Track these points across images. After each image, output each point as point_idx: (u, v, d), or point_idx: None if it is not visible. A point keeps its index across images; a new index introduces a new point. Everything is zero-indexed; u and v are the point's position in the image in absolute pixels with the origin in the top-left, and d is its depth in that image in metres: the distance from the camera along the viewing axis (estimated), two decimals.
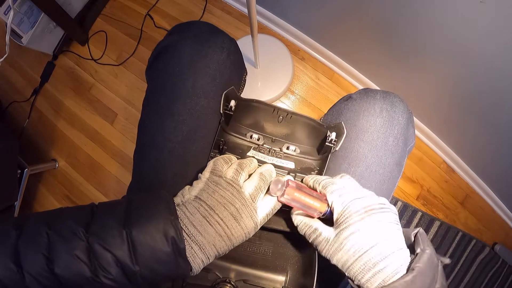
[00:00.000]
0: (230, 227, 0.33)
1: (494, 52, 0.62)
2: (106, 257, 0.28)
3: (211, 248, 0.32)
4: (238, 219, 0.33)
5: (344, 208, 0.33)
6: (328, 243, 0.33)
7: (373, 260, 0.30)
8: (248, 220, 0.34)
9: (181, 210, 0.33)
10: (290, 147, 0.50)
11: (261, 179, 0.37)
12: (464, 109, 0.86)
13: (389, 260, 0.30)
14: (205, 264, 0.33)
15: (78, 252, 0.28)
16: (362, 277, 0.30)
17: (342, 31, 0.97)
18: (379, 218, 0.32)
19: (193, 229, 0.32)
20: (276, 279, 0.46)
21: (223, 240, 0.33)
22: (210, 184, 0.35)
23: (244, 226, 0.34)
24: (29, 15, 1.16)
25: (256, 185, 0.36)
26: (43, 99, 1.35)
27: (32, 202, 1.30)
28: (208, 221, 0.32)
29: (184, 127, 0.47)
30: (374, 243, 0.30)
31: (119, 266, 0.28)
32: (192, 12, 1.28)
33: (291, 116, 0.49)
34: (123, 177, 1.24)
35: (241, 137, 0.51)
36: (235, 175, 0.36)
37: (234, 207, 0.33)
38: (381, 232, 0.31)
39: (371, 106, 0.48)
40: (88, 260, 0.28)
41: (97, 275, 0.28)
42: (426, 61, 0.80)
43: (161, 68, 0.49)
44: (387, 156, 0.47)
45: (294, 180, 0.37)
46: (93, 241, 0.28)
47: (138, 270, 0.29)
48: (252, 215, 0.34)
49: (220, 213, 0.33)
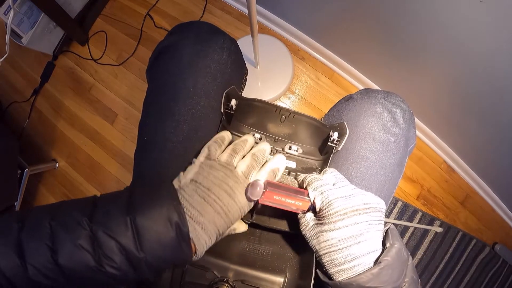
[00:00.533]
0: (226, 204, 0.34)
1: (494, 52, 0.62)
2: (110, 244, 0.28)
3: (212, 226, 0.33)
4: (232, 196, 0.34)
5: (326, 205, 0.34)
6: (307, 227, 0.36)
7: (341, 260, 0.32)
8: (242, 196, 0.35)
9: (180, 194, 0.33)
10: (293, 147, 0.50)
11: (253, 159, 0.37)
12: (464, 109, 0.86)
13: (359, 261, 0.31)
14: (208, 245, 0.33)
15: (82, 241, 0.28)
16: (330, 269, 0.33)
17: (342, 31, 0.97)
18: (360, 220, 0.33)
19: (194, 210, 0.32)
20: (275, 280, 0.46)
21: (221, 217, 0.33)
22: (204, 167, 0.36)
23: (238, 201, 0.35)
24: (29, 15, 1.16)
25: (248, 164, 0.37)
26: (43, 99, 1.35)
27: (32, 202, 1.30)
28: (206, 201, 0.33)
29: (185, 127, 0.47)
30: (346, 245, 0.32)
31: (123, 254, 0.28)
32: (192, 12, 1.28)
33: (293, 115, 0.48)
34: (123, 177, 1.23)
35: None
36: (229, 158, 0.37)
37: (227, 185, 0.34)
38: (357, 235, 0.32)
39: (372, 106, 0.47)
40: (92, 249, 0.28)
41: (101, 264, 0.28)
42: (427, 61, 0.80)
43: (161, 68, 0.49)
44: (388, 157, 0.47)
45: (273, 181, 0.37)
46: (97, 229, 0.28)
47: (143, 256, 0.29)
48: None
49: (216, 192, 0.34)
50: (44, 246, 0.27)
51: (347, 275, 0.31)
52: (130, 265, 0.29)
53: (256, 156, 0.38)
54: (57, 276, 0.27)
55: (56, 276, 0.27)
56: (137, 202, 0.31)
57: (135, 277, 0.30)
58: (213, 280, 0.44)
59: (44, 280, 0.27)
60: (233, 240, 0.49)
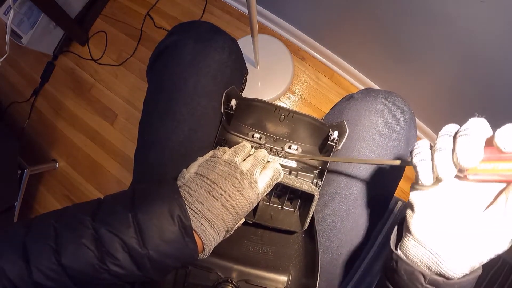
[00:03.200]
0: (234, 199, 0.33)
1: (495, 51, 0.62)
2: (113, 242, 0.28)
3: (220, 222, 0.32)
4: (240, 190, 0.34)
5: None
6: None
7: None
8: (250, 191, 0.35)
9: (184, 190, 0.33)
10: (292, 146, 0.50)
11: (256, 159, 0.38)
12: (464, 108, 0.86)
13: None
14: (216, 241, 0.33)
15: (85, 240, 0.28)
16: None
17: (342, 31, 0.97)
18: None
19: (200, 205, 0.32)
20: (279, 279, 0.46)
21: (230, 213, 0.33)
22: (208, 162, 0.36)
23: (247, 197, 0.34)
24: (29, 15, 1.16)
25: (252, 163, 0.37)
26: (43, 99, 1.35)
27: (32, 202, 1.30)
28: (213, 196, 0.33)
29: (185, 127, 0.47)
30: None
31: (126, 251, 0.28)
32: (192, 12, 1.28)
33: (292, 115, 0.48)
34: (123, 177, 1.23)
35: (243, 136, 0.51)
36: (231, 157, 0.37)
37: (235, 179, 0.34)
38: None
39: (373, 106, 0.47)
40: (95, 248, 0.28)
41: (104, 262, 0.28)
42: (427, 61, 0.80)
43: (162, 68, 0.49)
44: (389, 157, 0.47)
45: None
46: (100, 227, 0.28)
47: (146, 252, 0.29)
48: (253, 186, 0.35)
49: (223, 186, 0.33)
50: (47, 248, 0.27)
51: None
52: (134, 262, 0.29)
53: (257, 158, 0.38)
54: (61, 277, 0.28)
55: (60, 277, 0.27)
56: (139, 198, 0.31)
57: (139, 275, 0.30)
58: (216, 280, 0.44)
59: (49, 282, 0.27)
60: (236, 240, 0.49)
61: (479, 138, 0.24)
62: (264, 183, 0.37)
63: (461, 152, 0.24)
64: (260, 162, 0.38)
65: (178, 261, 0.31)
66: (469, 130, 0.24)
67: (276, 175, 0.38)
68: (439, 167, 0.25)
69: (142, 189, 0.33)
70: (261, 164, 0.38)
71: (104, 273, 0.28)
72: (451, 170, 0.25)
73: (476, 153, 0.24)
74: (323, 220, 0.48)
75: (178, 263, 0.31)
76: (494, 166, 0.24)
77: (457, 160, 0.24)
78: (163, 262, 0.30)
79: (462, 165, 0.24)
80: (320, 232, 0.47)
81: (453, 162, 0.25)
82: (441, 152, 0.25)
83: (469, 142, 0.24)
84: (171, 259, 0.30)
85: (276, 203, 0.48)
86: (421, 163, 0.27)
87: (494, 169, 0.24)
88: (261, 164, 0.38)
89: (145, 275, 0.30)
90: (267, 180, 0.37)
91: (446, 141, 0.26)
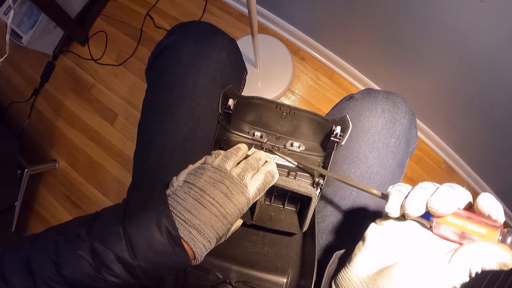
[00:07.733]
0: (223, 205, 0.33)
1: (495, 51, 0.62)
2: (107, 255, 0.29)
3: (209, 229, 0.32)
4: (229, 196, 0.33)
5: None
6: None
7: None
8: (240, 196, 0.34)
9: (172, 198, 0.33)
10: (294, 144, 0.49)
11: (248, 164, 0.37)
12: (464, 108, 0.86)
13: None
14: (208, 249, 0.33)
15: (82, 252, 0.29)
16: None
17: (342, 31, 0.97)
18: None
19: (188, 214, 0.32)
20: (277, 281, 0.46)
21: (219, 219, 0.33)
22: (197, 170, 0.36)
23: (236, 203, 0.34)
24: (29, 15, 1.16)
25: (243, 167, 0.36)
26: (43, 99, 1.35)
27: (32, 202, 1.30)
28: (201, 203, 0.32)
29: (185, 127, 0.47)
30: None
31: (120, 263, 0.29)
32: (192, 12, 1.28)
33: (294, 111, 0.48)
34: (123, 177, 1.23)
35: (243, 135, 0.50)
36: (221, 163, 0.36)
37: (224, 185, 0.34)
38: None
39: (373, 106, 0.47)
40: (92, 259, 0.29)
41: (100, 272, 0.29)
42: (427, 61, 0.79)
43: (161, 68, 0.49)
44: (388, 157, 0.46)
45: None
46: (93, 240, 0.29)
47: (137, 264, 0.29)
48: (243, 191, 0.34)
49: (211, 193, 0.33)
50: (49, 259, 0.29)
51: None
52: (128, 273, 0.30)
53: (250, 162, 0.37)
54: (63, 287, 0.29)
55: (62, 287, 0.29)
56: (130, 211, 0.32)
57: (135, 283, 0.31)
58: (215, 281, 0.44)
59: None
60: (236, 241, 0.48)
61: (462, 193, 0.24)
62: (255, 187, 0.36)
63: (439, 195, 0.24)
64: (252, 167, 0.37)
65: (171, 269, 0.32)
66: (455, 185, 0.25)
67: (268, 179, 0.37)
68: (409, 200, 0.25)
69: (134, 201, 0.33)
70: (253, 168, 0.37)
71: (101, 282, 0.29)
72: (419, 207, 0.25)
73: (454, 202, 0.24)
74: (322, 221, 0.47)
75: (172, 270, 0.32)
76: (464, 223, 0.24)
77: (431, 201, 0.24)
78: (156, 271, 0.31)
79: (436, 208, 0.23)
80: (319, 232, 0.47)
81: (426, 203, 0.24)
82: (421, 190, 0.25)
83: (452, 191, 0.24)
84: (163, 268, 0.31)
85: (277, 203, 0.47)
86: (396, 193, 0.26)
87: (462, 227, 0.24)
88: (253, 168, 0.37)
89: (140, 282, 0.31)
90: (257, 184, 0.36)
91: (431, 185, 0.26)
